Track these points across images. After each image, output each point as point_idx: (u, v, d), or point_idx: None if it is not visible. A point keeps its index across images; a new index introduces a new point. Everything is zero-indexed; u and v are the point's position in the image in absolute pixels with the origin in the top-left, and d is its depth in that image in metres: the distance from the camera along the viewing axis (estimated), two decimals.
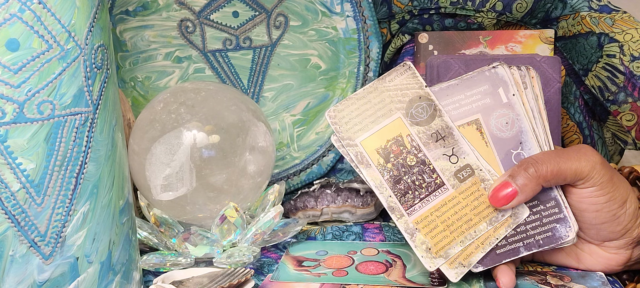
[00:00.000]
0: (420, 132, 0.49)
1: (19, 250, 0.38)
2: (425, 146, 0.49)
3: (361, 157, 0.49)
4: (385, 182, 0.49)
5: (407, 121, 0.50)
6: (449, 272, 0.47)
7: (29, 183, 0.38)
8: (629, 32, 0.62)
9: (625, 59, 0.62)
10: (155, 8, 0.69)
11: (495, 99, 0.50)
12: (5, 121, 0.36)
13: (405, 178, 0.49)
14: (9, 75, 0.36)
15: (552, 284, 0.48)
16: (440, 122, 0.50)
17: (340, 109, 0.50)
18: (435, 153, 0.49)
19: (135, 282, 0.46)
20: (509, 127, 0.49)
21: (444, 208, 0.49)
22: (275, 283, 0.51)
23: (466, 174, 0.49)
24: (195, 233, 0.56)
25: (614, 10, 0.64)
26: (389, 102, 0.50)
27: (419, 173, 0.49)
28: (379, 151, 0.49)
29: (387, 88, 0.51)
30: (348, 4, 0.69)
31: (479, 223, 0.48)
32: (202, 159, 0.56)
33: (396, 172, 0.49)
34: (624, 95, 0.62)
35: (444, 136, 0.49)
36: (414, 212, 0.49)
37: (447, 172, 0.49)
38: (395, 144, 0.49)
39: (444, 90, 0.51)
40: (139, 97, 0.71)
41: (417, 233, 0.48)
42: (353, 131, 0.50)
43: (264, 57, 0.71)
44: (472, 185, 0.49)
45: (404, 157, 0.49)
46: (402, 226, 0.49)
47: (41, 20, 0.37)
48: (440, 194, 0.49)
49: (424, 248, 0.48)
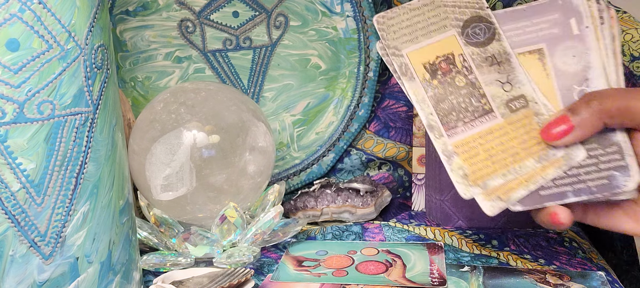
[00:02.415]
0: (474, 53, 0.46)
1: (19, 250, 0.38)
2: (478, 68, 0.46)
3: (405, 68, 0.46)
4: (428, 99, 0.45)
5: (462, 40, 0.46)
6: (484, 204, 0.43)
7: (29, 184, 0.38)
8: (629, 32, 0.62)
9: (625, 59, 0.62)
10: (155, 8, 0.69)
11: (565, 29, 0.46)
12: (5, 121, 0.36)
13: (450, 98, 0.45)
14: (9, 75, 0.36)
15: (552, 283, 0.48)
16: (497, 46, 0.46)
17: (389, 16, 0.47)
18: (488, 78, 0.46)
19: (135, 282, 0.46)
20: (576, 60, 0.45)
21: (489, 137, 0.45)
22: (275, 283, 0.51)
23: (519, 105, 0.45)
24: (195, 233, 0.56)
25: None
26: (444, 18, 0.47)
27: (466, 95, 0.45)
28: (426, 66, 0.46)
29: (444, 2, 0.47)
30: (348, 4, 0.69)
31: (526, 158, 0.44)
32: (202, 159, 0.56)
33: (441, 90, 0.46)
34: None
35: (500, 61, 0.46)
36: (455, 135, 0.45)
37: (498, 100, 0.45)
38: (445, 61, 0.46)
39: (509, 14, 0.47)
40: (139, 97, 0.71)
41: (455, 156, 0.44)
42: (401, 41, 0.47)
43: (264, 57, 0.71)
44: (523, 117, 0.45)
45: (453, 76, 0.46)
46: (440, 147, 0.45)
47: (41, 20, 0.37)
48: (487, 121, 0.45)
49: (460, 173, 0.44)
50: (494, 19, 0.47)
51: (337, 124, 0.72)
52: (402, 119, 0.73)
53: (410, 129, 0.73)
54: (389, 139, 0.73)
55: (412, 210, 0.70)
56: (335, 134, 0.72)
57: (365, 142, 0.73)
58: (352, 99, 0.71)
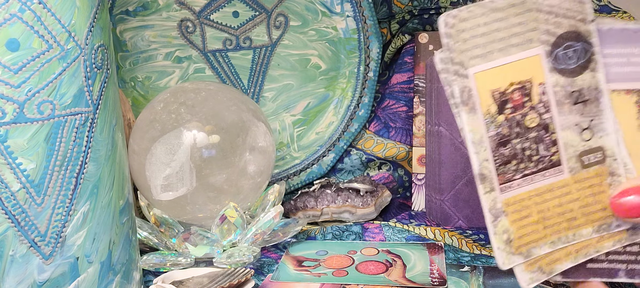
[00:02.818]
0: (558, 85, 0.38)
1: (19, 250, 0.38)
2: (558, 106, 0.38)
3: (468, 94, 0.37)
4: (488, 140, 0.38)
5: (548, 63, 0.38)
6: (522, 275, 0.38)
7: (29, 184, 0.38)
8: None
9: None
10: (155, 8, 0.69)
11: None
12: (5, 121, 0.36)
13: (514, 142, 0.38)
14: (9, 75, 0.36)
15: (552, 283, 0.48)
16: (589, 78, 0.38)
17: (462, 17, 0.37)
18: (567, 120, 0.38)
19: (135, 282, 0.46)
20: None
21: (547, 196, 0.38)
22: (275, 283, 0.51)
23: (594, 159, 0.38)
24: (195, 233, 0.56)
25: (614, 10, 0.64)
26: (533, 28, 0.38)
27: (534, 140, 0.38)
28: (495, 95, 0.38)
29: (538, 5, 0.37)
30: (348, 4, 0.69)
31: (584, 226, 0.38)
32: (202, 159, 0.56)
33: (506, 130, 0.38)
34: None
35: (587, 100, 0.38)
36: (508, 189, 0.38)
37: (571, 150, 0.38)
38: (520, 91, 0.38)
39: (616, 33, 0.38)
40: (139, 97, 0.71)
41: (502, 217, 0.38)
42: (470, 54, 0.37)
43: (264, 57, 0.71)
44: (595, 176, 0.38)
45: (524, 113, 0.38)
46: (488, 203, 0.38)
47: (41, 20, 0.37)
48: (550, 176, 0.38)
49: (504, 238, 0.38)
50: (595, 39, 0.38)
51: (337, 124, 0.72)
52: (402, 119, 0.73)
53: (410, 129, 0.73)
54: (389, 139, 0.73)
55: (412, 210, 0.70)
56: (335, 134, 0.72)
57: (365, 142, 0.73)
58: (352, 99, 0.71)
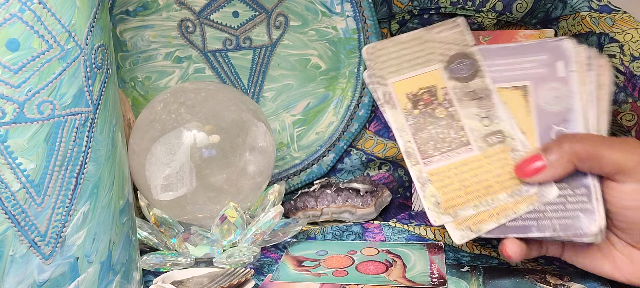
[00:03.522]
0: (456, 88, 0.48)
1: (19, 250, 0.38)
2: (459, 102, 0.47)
3: (389, 97, 0.48)
4: (408, 127, 0.47)
5: (446, 74, 0.48)
6: (454, 233, 0.45)
7: (29, 184, 0.38)
8: (629, 32, 0.62)
9: (625, 59, 0.62)
10: (155, 8, 0.69)
11: (551, 70, 0.47)
12: (5, 121, 0.36)
13: (429, 129, 0.47)
14: (9, 75, 0.36)
15: (552, 283, 0.48)
16: (480, 82, 0.48)
17: (378, 47, 0.50)
18: (468, 112, 0.47)
19: (135, 282, 0.46)
20: (558, 101, 0.46)
21: (463, 168, 0.46)
22: (275, 283, 0.51)
23: (496, 140, 0.46)
24: (195, 233, 0.56)
25: (614, 10, 0.63)
26: (430, 52, 0.49)
27: (445, 127, 0.47)
28: (409, 96, 0.48)
29: (432, 38, 0.49)
30: (348, 4, 0.69)
31: (500, 192, 0.45)
32: (202, 159, 0.56)
33: (421, 120, 0.48)
34: (624, 95, 0.62)
35: (481, 97, 0.47)
36: (430, 163, 0.47)
37: (476, 133, 0.47)
38: (427, 93, 0.48)
39: (497, 50, 0.49)
40: (139, 97, 0.71)
41: (428, 184, 0.46)
42: (387, 71, 0.49)
43: (264, 57, 0.71)
44: (499, 152, 0.46)
45: (433, 108, 0.48)
46: (415, 174, 0.46)
47: (41, 20, 0.37)
48: (464, 153, 0.47)
49: (433, 200, 0.46)
50: (478, 56, 0.48)
51: (337, 124, 0.72)
52: None
53: None
54: (389, 139, 0.73)
55: (412, 210, 0.70)
56: (335, 134, 0.72)
57: (365, 142, 0.73)
58: (352, 99, 0.71)
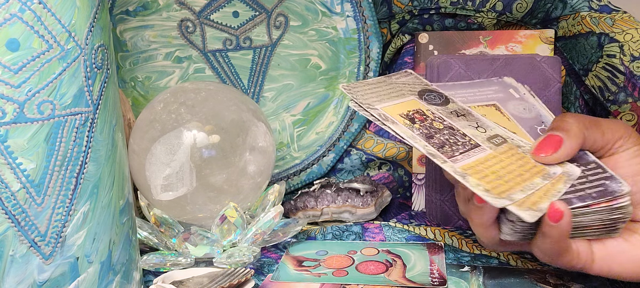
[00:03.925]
0: (438, 110, 0.49)
1: (19, 250, 0.38)
2: (448, 118, 0.48)
3: (385, 116, 0.47)
4: (417, 135, 0.46)
5: (423, 102, 0.50)
6: (520, 213, 0.42)
7: (29, 183, 0.38)
8: (629, 32, 0.62)
9: (625, 59, 0.62)
10: (155, 8, 0.69)
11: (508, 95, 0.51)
12: (5, 121, 0.36)
13: (437, 136, 0.47)
14: (9, 75, 0.36)
15: (552, 283, 0.48)
16: (455, 105, 0.50)
17: (354, 86, 0.50)
18: (461, 124, 0.48)
19: (135, 282, 0.46)
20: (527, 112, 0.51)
21: (489, 163, 0.46)
22: (275, 283, 0.51)
23: (499, 141, 0.47)
24: (195, 233, 0.56)
25: (614, 10, 0.63)
26: (400, 90, 0.50)
27: (450, 135, 0.47)
28: (402, 115, 0.48)
29: (395, 82, 0.52)
30: (348, 4, 0.69)
31: (533, 177, 0.45)
32: (202, 159, 0.56)
33: (426, 131, 0.47)
34: (624, 95, 0.62)
35: (464, 114, 0.49)
36: (457, 161, 0.45)
37: (480, 137, 0.47)
38: (417, 113, 0.48)
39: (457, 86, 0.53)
40: (139, 97, 0.71)
41: (468, 176, 0.44)
42: (370, 101, 0.49)
43: (264, 57, 0.71)
44: (509, 149, 0.47)
45: (430, 122, 0.48)
46: (450, 170, 0.45)
47: (41, 20, 0.37)
48: (479, 152, 0.46)
49: (481, 189, 0.43)
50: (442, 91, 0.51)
51: (337, 123, 0.72)
52: None
53: None
54: (389, 139, 0.73)
55: (412, 210, 0.70)
56: (335, 134, 0.72)
57: (365, 142, 0.73)
58: None
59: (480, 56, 0.65)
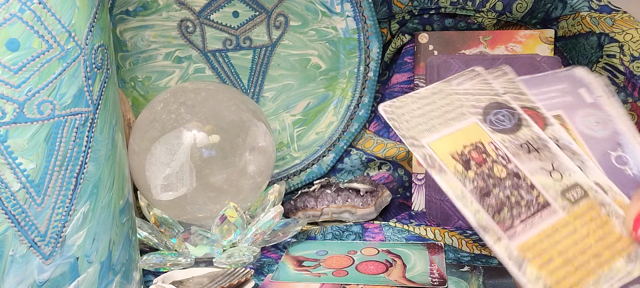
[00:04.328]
0: (505, 141, 0.38)
1: (19, 250, 0.38)
2: (516, 157, 0.38)
3: (432, 160, 0.37)
4: (469, 194, 0.36)
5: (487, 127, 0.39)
6: None
7: (29, 183, 0.38)
8: (629, 32, 0.62)
9: (625, 59, 0.62)
10: (155, 8, 0.69)
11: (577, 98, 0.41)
12: (5, 121, 0.36)
13: (495, 191, 0.36)
14: (9, 75, 0.36)
15: None
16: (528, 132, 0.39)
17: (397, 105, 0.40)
18: (531, 166, 0.37)
19: (135, 282, 0.46)
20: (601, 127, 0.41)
21: (556, 236, 0.35)
22: (275, 283, 0.51)
23: (577, 195, 0.37)
24: (195, 233, 0.56)
25: (614, 10, 0.64)
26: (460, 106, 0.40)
27: (513, 187, 0.37)
28: (455, 156, 0.37)
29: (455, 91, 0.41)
30: (348, 4, 0.69)
31: (614, 259, 0.35)
32: (202, 159, 0.56)
33: (482, 183, 0.37)
34: (624, 95, 0.62)
35: (538, 148, 0.38)
36: (515, 236, 0.35)
37: (551, 191, 0.37)
38: (475, 150, 0.38)
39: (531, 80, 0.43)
40: (139, 97, 0.71)
41: (526, 264, 0.34)
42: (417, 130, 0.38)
43: (264, 57, 0.71)
44: (588, 209, 0.36)
45: (490, 166, 0.37)
46: (503, 253, 0.35)
47: (41, 20, 0.37)
48: (548, 217, 0.36)
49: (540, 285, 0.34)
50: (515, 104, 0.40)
51: (337, 124, 0.72)
52: None
53: None
54: (389, 139, 0.73)
55: (412, 210, 0.70)
56: (335, 134, 0.72)
57: (365, 142, 0.73)
58: (352, 99, 0.71)
59: (480, 56, 0.65)
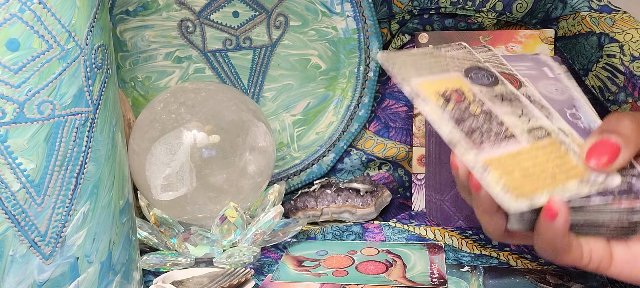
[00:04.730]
0: (482, 91, 0.45)
1: (19, 250, 0.38)
2: (490, 101, 0.44)
3: (416, 94, 0.43)
4: (447, 117, 0.42)
5: (468, 80, 0.45)
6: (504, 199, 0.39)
7: (29, 183, 0.38)
8: (629, 32, 0.62)
9: (625, 59, 0.62)
10: (155, 8, 0.69)
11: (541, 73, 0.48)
12: (5, 121, 0.36)
13: (469, 121, 0.42)
14: (9, 75, 0.36)
15: (552, 283, 0.48)
16: (503, 88, 0.45)
17: (393, 55, 0.46)
18: (502, 110, 0.43)
19: (135, 282, 0.46)
20: (559, 92, 0.47)
21: (519, 158, 0.41)
22: (275, 283, 0.51)
23: (541, 134, 0.43)
24: (195, 233, 0.56)
25: (614, 10, 0.63)
26: (446, 64, 0.46)
27: (485, 121, 0.43)
28: (438, 94, 0.43)
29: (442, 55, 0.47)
30: (348, 4, 0.69)
31: (567, 180, 0.40)
32: (202, 159, 0.56)
33: (458, 113, 0.43)
34: (624, 95, 0.62)
35: (510, 99, 0.45)
36: (482, 152, 0.41)
37: (519, 128, 0.43)
38: (456, 92, 0.44)
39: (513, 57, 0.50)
40: (139, 97, 0.71)
41: (490, 169, 0.40)
42: (407, 73, 0.44)
43: (264, 57, 0.71)
44: (550, 144, 0.42)
45: (467, 105, 0.43)
46: (469, 162, 0.40)
47: (41, 20, 0.37)
48: (513, 144, 0.42)
49: (500, 186, 0.39)
50: (493, 69, 0.47)
51: (337, 124, 0.72)
52: (402, 118, 0.73)
53: (410, 129, 0.73)
54: (389, 139, 0.73)
55: (412, 210, 0.70)
56: (335, 134, 0.72)
57: (365, 142, 0.73)
58: (352, 99, 0.71)
59: None
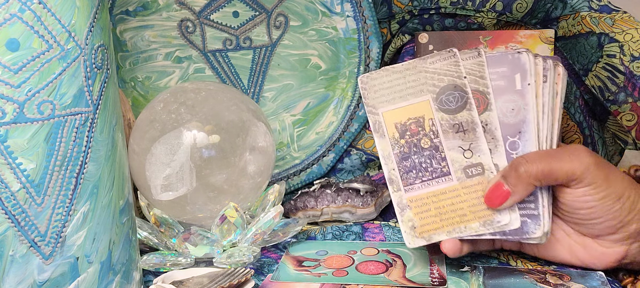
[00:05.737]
0: (443, 119, 0.50)
1: (19, 250, 0.38)
2: (444, 134, 0.50)
3: (378, 125, 0.51)
4: (393, 155, 0.51)
5: (435, 105, 0.50)
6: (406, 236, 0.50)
7: (29, 184, 0.38)
8: (629, 32, 0.62)
9: (625, 59, 0.62)
10: (155, 8, 0.69)
11: (510, 83, 0.50)
12: (5, 121, 0.36)
13: (413, 158, 0.50)
14: (9, 75, 0.36)
15: (552, 283, 0.48)
16: (467, 115, 0.50)
17: (373, 77, 0.52)
18: (451, 143, 0.50)
19: (135, 282, 0.46)
20: (513, 113, 0.49)
21: (442, 196, 0.50)
22: (275, 283, 0.51)
23: (475, 172, 0.49)
24: (195, 233, 0.56)
25: (614, 10, 0.63)
26: (423, 83, 0.51)
27: (428, 157, 0.50)
28: (397, 126, 0.51)
29: (426, 69, 0.51)
30: (348, 4, 0.69)
31: (472, 221, 0.49)
32: (202, 159, 0.56)
33: (407, 149, 0.50)
34: (624, 95, 0.62)
35: (466, 130, 0.50)
36: (411, 190, 0.50)
37: (457, 165, 0.50)
38: (415, 123, 0.50)
39: None
40: (139, 97, 0.71)
41: (407, 210, 0.50)
42: (379, 101, 0.51)
43: (264, 57, 0.71)
44: (477, 184, 0.49)
45: (419, 138, 0.50)
46: (396, 199, 0.50)
47: (41, 20, 0.37)
48: (443, 183, 0.50)
49: (409, 225, 0.50)
50: (468, 89, 0.50)
51: (337, 123, 0.72)
52: None
53: None
54: None
55: None
56: (335, 134, 0.72)
57: (365, 142, 0.73)
58: (352, 98, 0.71)
59: None
